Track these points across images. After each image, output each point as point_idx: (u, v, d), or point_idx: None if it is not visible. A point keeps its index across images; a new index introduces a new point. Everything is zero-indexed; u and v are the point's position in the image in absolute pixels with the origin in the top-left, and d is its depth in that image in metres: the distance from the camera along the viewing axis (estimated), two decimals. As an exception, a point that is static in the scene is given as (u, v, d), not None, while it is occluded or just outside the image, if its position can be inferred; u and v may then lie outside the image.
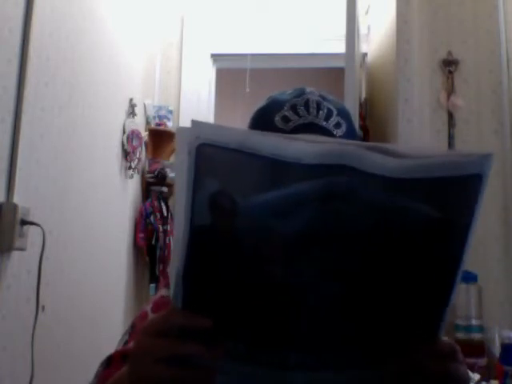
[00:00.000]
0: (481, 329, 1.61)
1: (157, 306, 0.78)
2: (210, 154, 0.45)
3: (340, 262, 0.48)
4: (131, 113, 2.55)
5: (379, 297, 0.50)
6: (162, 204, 2.75)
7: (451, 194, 0.46)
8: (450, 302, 0.50)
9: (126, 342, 0.75)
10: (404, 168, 0.44)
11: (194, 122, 0.45)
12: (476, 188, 0.45)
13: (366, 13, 2.87)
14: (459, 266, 0.48)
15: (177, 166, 0.46)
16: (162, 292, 0.81)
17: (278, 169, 0.45)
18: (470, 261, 0.50)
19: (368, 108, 2.84)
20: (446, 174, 0.45)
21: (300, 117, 0.73)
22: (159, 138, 2.85)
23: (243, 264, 0.48)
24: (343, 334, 0.51)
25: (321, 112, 0.74)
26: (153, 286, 2.61)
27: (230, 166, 0.45)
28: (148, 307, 0.79)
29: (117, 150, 2.40)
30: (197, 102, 2.93)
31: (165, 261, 2.69)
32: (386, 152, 0.44)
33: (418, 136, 2.16)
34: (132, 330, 0.77)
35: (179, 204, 0.46)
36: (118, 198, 2.44)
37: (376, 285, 0.49)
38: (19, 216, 1.45)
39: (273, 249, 0.47)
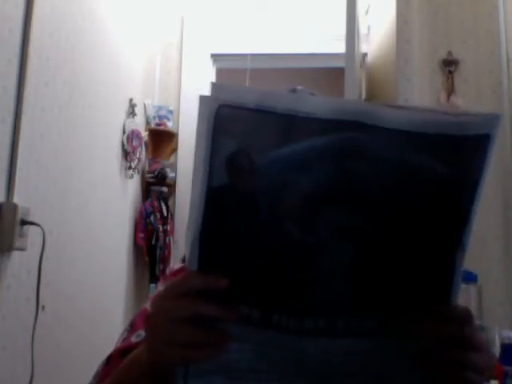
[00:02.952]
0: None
1: None
2: (228, 114, 0.46)
3: (354, 221, 0.48)
4: (131, 113, 2.55)
5: (392, 258, 0.50)
6: (162, 204, 2.75)
7: (461, 152, 0.47)
8: (460, 264, 0.50)
9: (125, 340, 0.75)
10: (416, 122, 0.45)
11: (213, 85, 0.46)
12: (484, 148, 0.46)
13: (366, 13, 2.87)
14: (467, 226, 0.49)
15: (197, 130, 0.47)
16: (160, 289, 0.81)
17: (294, 125, 0.46)
18: (470, 261, 0.50)
19: (368, 108, 2.83)
20: (456, 133, 0.46)
21: None
22: (159, 138, 2.85)
23: (258, 224, 0.48)
24: (357, 299, 0.50)
25: None
26: (153, 286, 2.60)
27: (248, 125, 0.46)
28: (148, 304, 0.79)
29: (117, 150, 2.40)
30: (197, 102, 2.92)
31: (165, 261, 2.69)
32: (400, 107, 0.46)
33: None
34: (131, 328, 0.77)
35: (197, 166, 0.47)
36: (118, 198, 2.44)
37: (389, 245, 0.49)
38: (19, 216, 1.45)
39: (288, 207, 0.48)
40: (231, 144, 0.46)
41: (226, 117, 0.46)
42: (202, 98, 0.47)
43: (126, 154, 2.49)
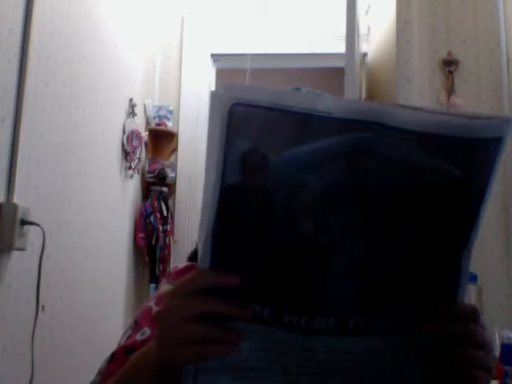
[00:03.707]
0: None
1: (160, 300, 0.78)
2: (243, 113, 0.45)
3: (366, 221, 0.48)
4: (131, 113, 2.55)
5: (402, 258, 0.50)
6: (162, 204, 2.75)
7: (472, 154, 0.47)
8: (466, 263, 0.50)
9: (130, 337, 0.75)
10: (429, 123, 0.46)
11: (227, 86, 0.46)
12: (495, 151, 0.47)
13: (366, 13, 2.87)
14: (475, 227, 0.49)
15: (209, 128, 0.47)
16: (164, 288, 0.81)
17: (309, 123, 0.46)
18: (471, 261, 0.50)
19: (368, 108, 2.84)
20: (468, 136, 0.46)
21: None
22: (159, 138, 2.85)
23: (272, 222, 0.48)
24: (367, 297, 0.51)
25: None
26: (153, 286, 2.61)
27: (263, 124, 0.46)
28: (151, 302, 0.78)
29: (117, 150, 2.41)
30: (197, 101, 2.93)
31: (165, 261, 2.69)
32: (414, 108, 0.46)
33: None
34: (135, 326, 0.76)
35: (210, 165, 0.47)
36: (118, 198, 2.44)
37: (400, 245, 0.50)
38: (19, 216, 1.45)
39: (301, 205, 0.48)
40: (245, 142, 0.46)
41: (240, 115, 0.45)
42: (215, 95, 0.46)
43: (126, 154, 2.49)
